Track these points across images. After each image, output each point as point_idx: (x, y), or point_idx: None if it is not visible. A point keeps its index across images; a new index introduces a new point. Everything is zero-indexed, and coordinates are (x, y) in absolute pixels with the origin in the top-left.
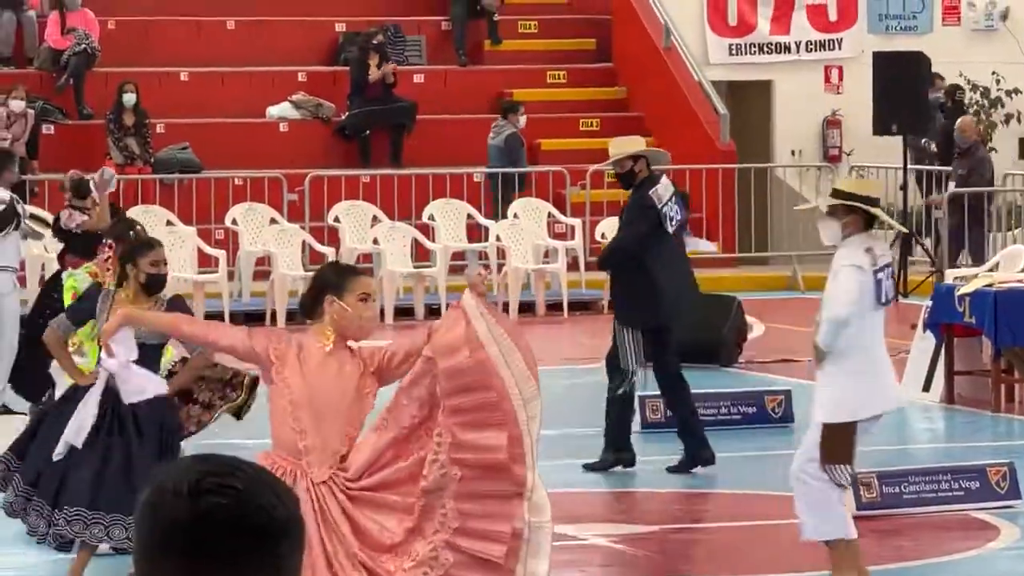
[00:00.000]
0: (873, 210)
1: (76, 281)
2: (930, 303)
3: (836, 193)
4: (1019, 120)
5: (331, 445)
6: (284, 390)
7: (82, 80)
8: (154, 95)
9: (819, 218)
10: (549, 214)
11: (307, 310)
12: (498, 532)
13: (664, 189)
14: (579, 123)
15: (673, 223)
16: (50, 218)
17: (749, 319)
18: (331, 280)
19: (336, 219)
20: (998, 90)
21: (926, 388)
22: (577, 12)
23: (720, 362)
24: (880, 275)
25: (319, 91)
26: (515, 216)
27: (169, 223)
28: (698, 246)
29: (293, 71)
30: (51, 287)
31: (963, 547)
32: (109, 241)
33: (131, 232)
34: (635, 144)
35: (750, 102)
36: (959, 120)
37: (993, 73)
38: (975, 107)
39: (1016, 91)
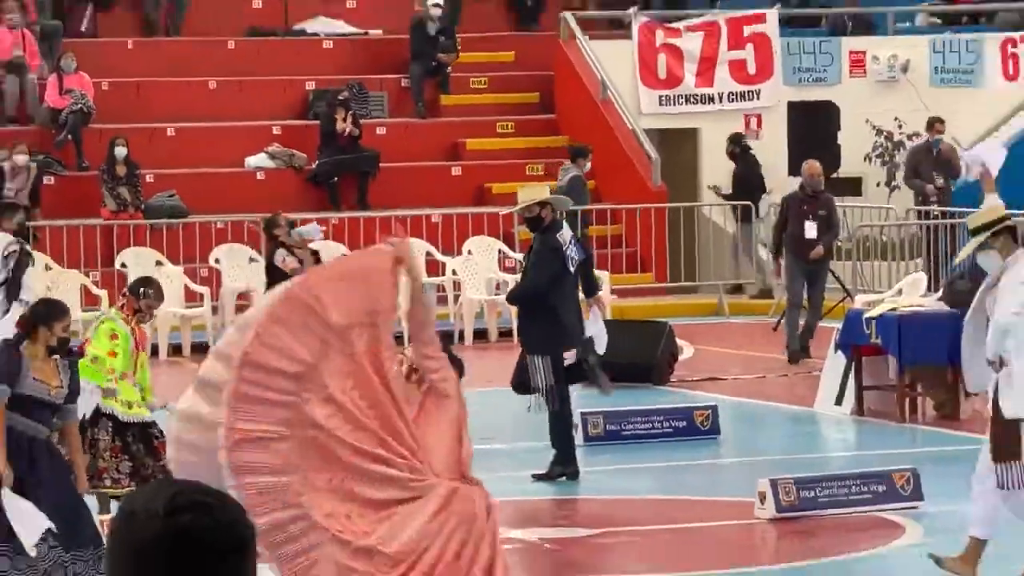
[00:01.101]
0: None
1: (115, 324)
2: (841, 326)
3: (975, 230)
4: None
5: None
6: None
7: (79, 136)
8: (143, 148)
9: (979, 256)
10: (500, 250)
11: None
12: None
13: (567, 232)
14: (525, 169)
15: (573, 263)
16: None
17: (680, 342)
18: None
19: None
20: (900, 134)
21: (838, 402)
22: (522, 69)
23: (653, 381)
24: None
25: (292, 143)
26: (469, 252)
27: (158, 263)
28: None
29: (268, 125)
30: None
31: (872, 544)
32: (125, 291)
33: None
34: (542, 192)
35: (679, 148)
36: (808, 165)
37: (895, 119)
38: (880, 150)
39: (916, 135)
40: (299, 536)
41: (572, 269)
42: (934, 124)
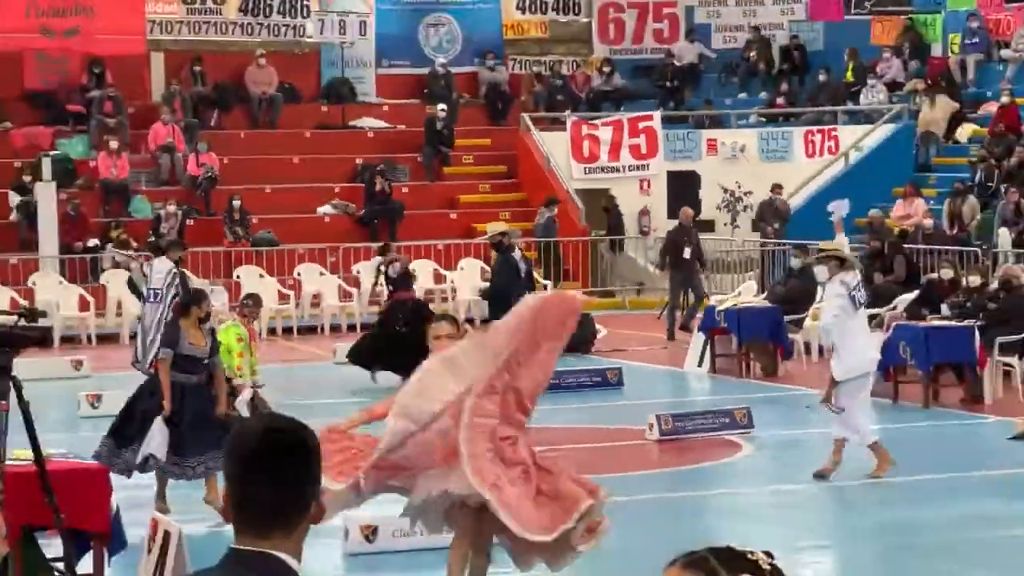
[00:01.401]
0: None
1: (239, 328)
2: (702, 315)
3: (820, 252)
4: (751, 209)
5: None
6: None
7: (209, 193)
8: (251, 201)
9: (815, 268)
10: (481, 267)
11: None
12: None
13: (517, 252)
14: (498, 214)
15: (522, 272)
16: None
17: (597, 326)
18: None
19: (357, 272)
20: (739, 192)
21: (699, 365)
22: (496, 150)
23: (580, 351)
24: (854, 292)
25: (347, 197)
26: (462, 268)
27: (260, 275)
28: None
29: (331, 187)
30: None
31: (721, 456)
32: (238, 304)
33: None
34: (501, 226)
35: (597, 201)
36: (684, 211)
37: (736, 182)
38: (726, 202)
39: (749, 192)
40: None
41: (522, 276)
42: (774, 188)
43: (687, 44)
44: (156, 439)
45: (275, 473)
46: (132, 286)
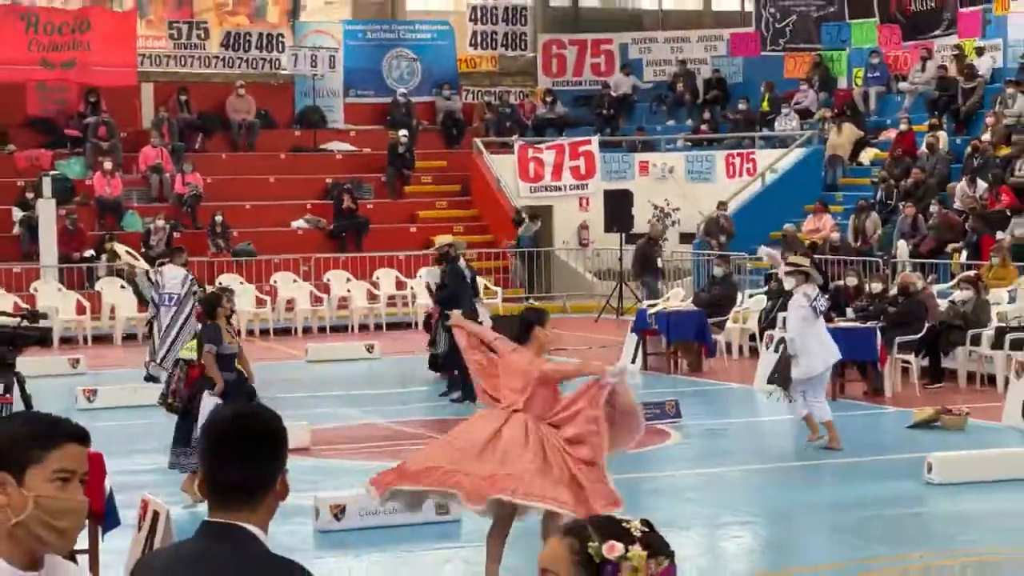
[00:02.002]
0: (807, 270)
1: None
2: (635, 318)
3: (789, 265)
4: (679, 224)
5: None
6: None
7: (195, 209)
8: (232, 216)
9: (785, 279)
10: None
11: (520, 337)
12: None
13: (463, 261)
14: (452, 228)
15: (470, 279)
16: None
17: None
18: (535, 318)
19: (327, 279)
20: (668, 208)
21: (633, 362)
22: (452, 171)
23: None
24: (815, 303)
25: (318, 213)
26: (420, 276)
27: (240, 283)
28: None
29: (304, 203)
30: None
31: (654, 442)
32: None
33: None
34: (448, 239)
35: (543, 217)
36: (652, 226)
37: (665, 200)
38: (656, 217)
39: (677, 209)
40: None
41: (468, 282)
42: (719, 205)
43: (621, 77)
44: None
45: (242, 455)
46: (137, 290)
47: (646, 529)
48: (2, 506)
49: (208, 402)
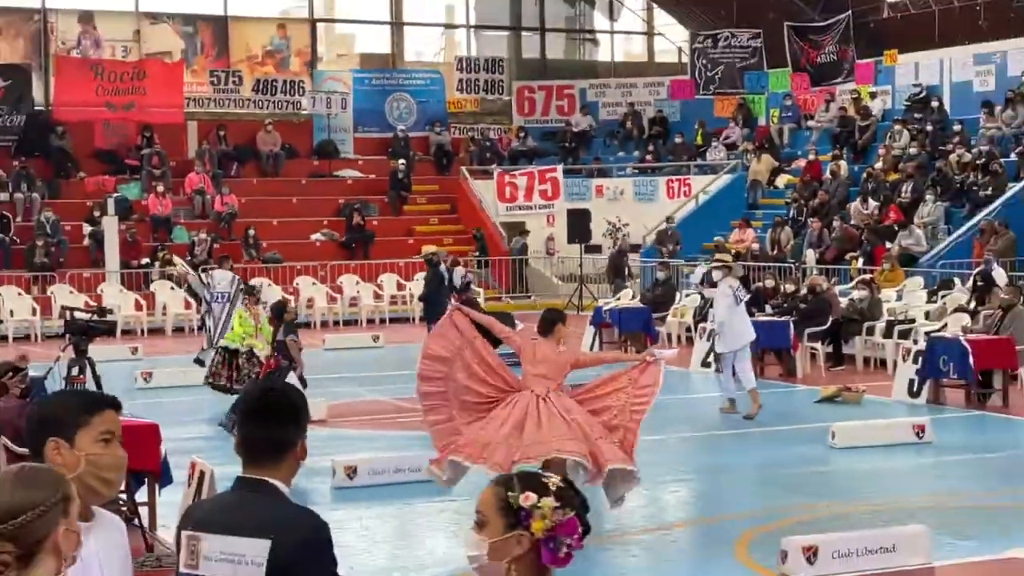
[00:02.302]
0: (730, 264)
1: (242, 312)
2: (592, 313)
3: (717, 259)
4: (628, 236)
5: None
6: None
7: (231, 225)
8: (262, 230)
9: (713, 272)
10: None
11: (544, 332)
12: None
13: (442, 266)
14: (442, 240)
15: (447, 282)
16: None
17: (516, 321)
18: (558, 316)
19: (340, 282)
20: (619, 224)
21: (591, 350)
22: (443, 194)
23: (503, 341)
24: (736, 293)
25: (332, 228)
26: (417, 279)
27: (268, 284)
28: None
29: (321, 219)
30: None
31: None
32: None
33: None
34: (432, 249)
35: (517, 231)
36: (624, 239)
37: (617, 217)
38: (610, 232)
39: (626, 224)
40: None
41: (446, 284)
42: (667, 218)
43: (581, 116)
44: None
45: (266, 421)
46: (191, 291)
47: (562, 485)
48: (59, 465)
49: (291, 379)
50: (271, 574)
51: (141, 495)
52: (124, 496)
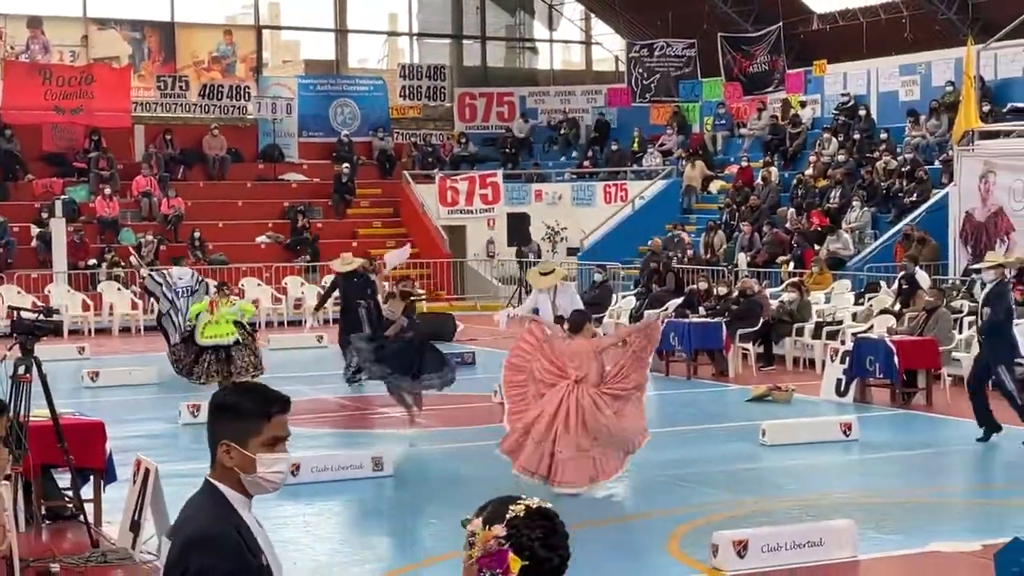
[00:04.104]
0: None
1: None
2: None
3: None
4: (566, 240)
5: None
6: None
7: (178, 227)
8: (208, 232)
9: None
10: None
11: (575, 330)
12: None
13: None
14: (385, 243)
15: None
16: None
17: (458, 322)
18: (587, 317)
19: (285, 284)
20: (558, 228)
21: None
22: (385, 197)
23: (446, 339)
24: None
25: (277, 230)
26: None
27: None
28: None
29: (266, 222)
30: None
31: None
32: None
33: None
34: (359, 262)
35: (459, 235)
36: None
37: (556, 221)
38: (548, 235)
39: (564, 228)
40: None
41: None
42: (674, 225)
43: (521, 122)
44: None
45: (208, 425)
46: (147, 290)
47: (523, 515)
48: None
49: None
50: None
51: (87, 492)
52: (70, 492)
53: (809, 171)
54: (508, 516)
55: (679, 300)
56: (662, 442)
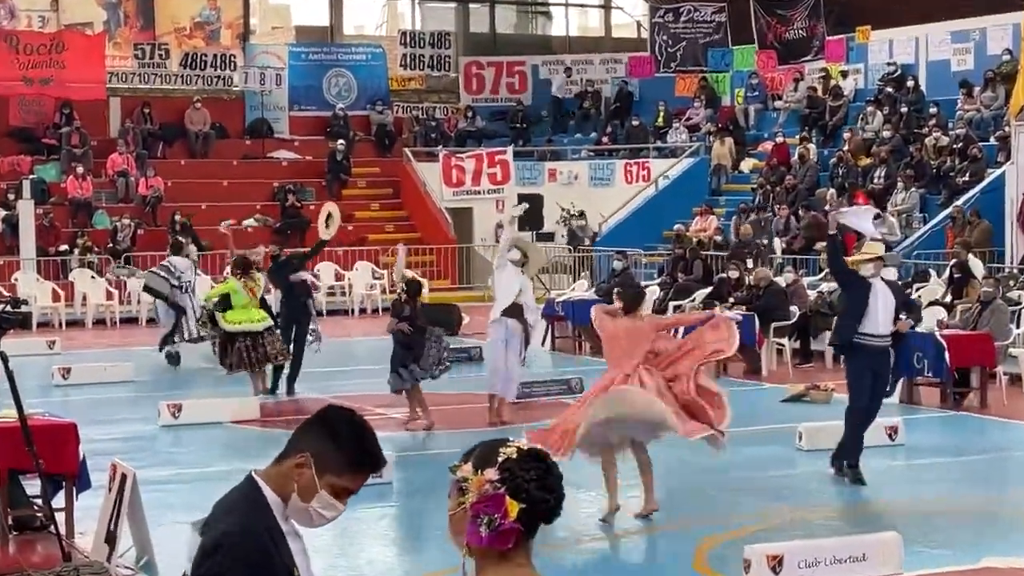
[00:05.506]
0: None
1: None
2: (544, 306)
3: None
4: (584, 225)
5: None
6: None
7: (156, 209)
8: (189, 215)
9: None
10: (372, 270)
11: (632, 308)
12: None
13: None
14: (384, 227)
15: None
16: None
17: (463, 314)
18: (641, 294)
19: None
20: (573, 211)
21: (543, 344)
22: (384, 176)
23: (450, 334)
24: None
25: (266, 213)
26: (356, 269)
27: (197, 273)
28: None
29: (254, 204)
30: None
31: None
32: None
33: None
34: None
35: (464, 217)
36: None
37: (571, 203)
38: (564, 219)
39: (581, 211)
40: None
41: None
42: (741, 210)
43: (533, 95)
44: None
45: (302, 427)
46: (152, 290)
47: (516, 457)
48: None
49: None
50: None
51: (58, 500)
52: (40, 500)
53: (848, 148)
54: (500, 459)
55: (706, 291)
56: (688, 447)
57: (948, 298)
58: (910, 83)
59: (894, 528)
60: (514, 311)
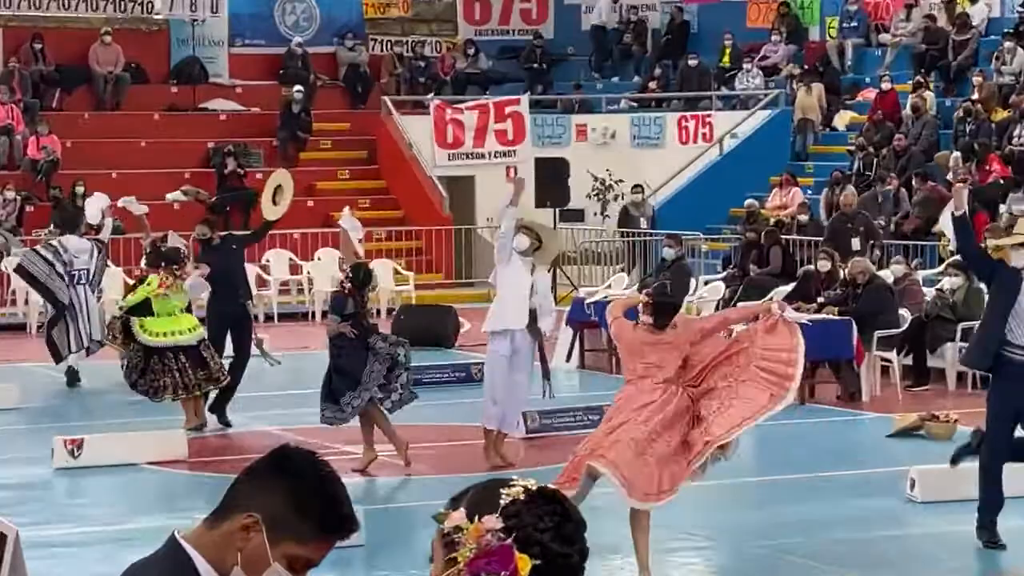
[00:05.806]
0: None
1: None
2: (569, 309)
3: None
4: (621, 198)
5: None
6: None
7: (50, 179)
8: (95, 186)
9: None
10: (339, 258)
11: (663, 323)
12: None
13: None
14: (356, 202)
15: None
16: None
17: (461, 319)
18: (678, 303)
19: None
20: (610, 180)
21: (568, 359)
22: (355, 135)
23: (444, 345)
24: None
25: (198, 183)
26: (319, 258)
27: (107, 264)
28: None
29: (182, 171)
30: None
31: None
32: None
33: None
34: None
35: (462, 188)
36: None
37: (607, 170)
38: (597, 191)
39: (620, 180)
40: None
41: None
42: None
43: (556, 25)
44: None
45: (246, 476)
46: (25, 273)
47: (524, 499)
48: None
49: None
50: None
51: None
52: None
53: (978, 96)
54: (503, 503)
55: (788, 288)
56: (763, 497)
57: None
58: None
59: None
60: (521, 317)
